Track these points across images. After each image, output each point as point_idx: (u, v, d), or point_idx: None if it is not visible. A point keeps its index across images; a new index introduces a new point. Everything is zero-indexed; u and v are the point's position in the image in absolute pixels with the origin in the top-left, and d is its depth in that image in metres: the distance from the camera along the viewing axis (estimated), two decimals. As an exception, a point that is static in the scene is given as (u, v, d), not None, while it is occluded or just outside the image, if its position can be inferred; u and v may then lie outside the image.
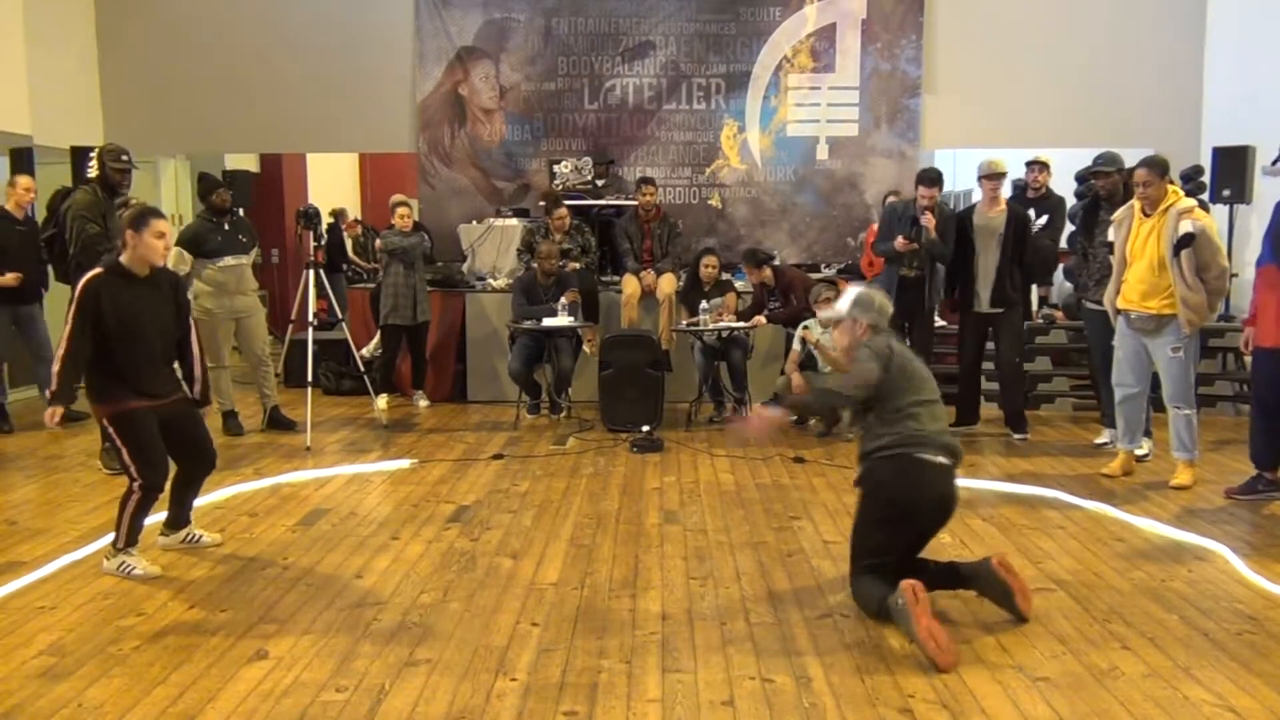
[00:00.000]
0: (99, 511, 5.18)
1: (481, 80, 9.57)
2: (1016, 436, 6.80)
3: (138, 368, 4.26)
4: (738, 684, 3.20)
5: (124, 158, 6.08)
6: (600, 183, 8.94)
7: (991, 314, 6.71)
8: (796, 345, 7.12)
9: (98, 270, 4.24)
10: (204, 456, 4.56)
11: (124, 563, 4.26)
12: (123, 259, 4.26)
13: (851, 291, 4.12)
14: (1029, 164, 7.59)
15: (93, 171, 6.10)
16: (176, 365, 4.54)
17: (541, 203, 8.51)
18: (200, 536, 4.67)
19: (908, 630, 3.41)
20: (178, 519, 4.64)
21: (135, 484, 4.24)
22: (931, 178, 6.87)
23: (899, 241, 6.83)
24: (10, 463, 6.35)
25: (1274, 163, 7.92)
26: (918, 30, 9.36)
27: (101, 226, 5.89)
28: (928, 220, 6.72)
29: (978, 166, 6.96)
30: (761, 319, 7.48)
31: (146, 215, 4.28)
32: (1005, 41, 9.29)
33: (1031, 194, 7.53)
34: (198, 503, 5.26)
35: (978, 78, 9.31)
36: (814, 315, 7.25)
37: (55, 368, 4.16)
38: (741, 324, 7.40)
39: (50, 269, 7.03)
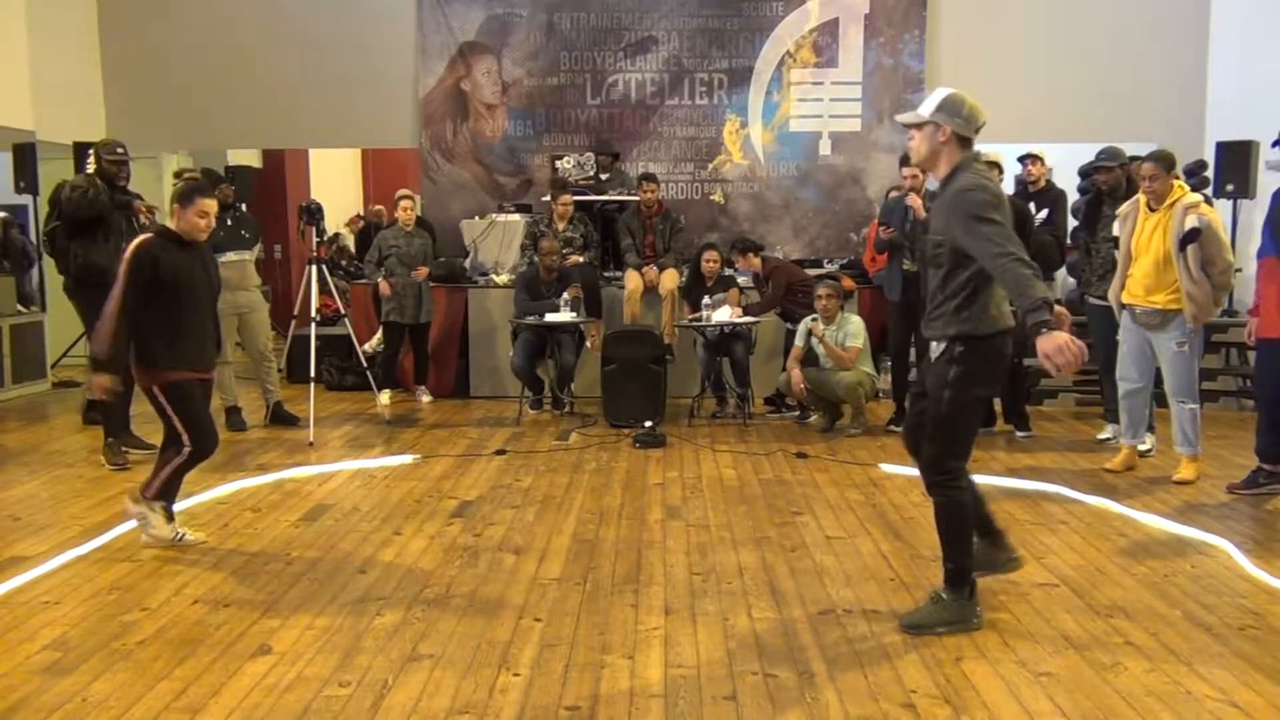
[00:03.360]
0: (102, 507, 5.19)
1: (484, 75, 9.56)
2: (1020, 435, 6.77)
3: (193, 334, 4.36)
4: (740, 679, 3.21)
5: (119, 150, 6.10)
6: (605, 177, 8.93)
7: None
8: (799, 341, 7.11)
9: (147, 235, 4.33)
10: (209, 440, 4.60)
11: (145, 515, 4.38)
12: (171, 225, 4.37)
13: (939, 91, 3.57)
14: (1021, 159, 7.56)
15: (90, 167, 6.13)
16: None
17: (548, 189, 8.53)
18: (184, 535, 4.57)
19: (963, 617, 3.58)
20: (160, 491, 4.59)
21: (185, 452, 4.37)
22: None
23: (882, 231, 6.83)
24: (14, 458, 6.36)
25: (1274, 144, 7.88)
26: (921, 25, 9.34)
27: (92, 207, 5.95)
28: (914, 202, 6.67)
29: None
30: (738, 310, 7.45)
31: (193, 193, 4.36)
32: (1008, 36, 9.28)
33: (1031, 189, 7.51)
34: (201, 498, 5.30)
35: (981, 72, 9.27)
36: (784, 309, 7.27)
37: (107, 329, 4.16)
38: (747, 319, 7.40)
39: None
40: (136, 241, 4.28)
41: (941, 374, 3.51)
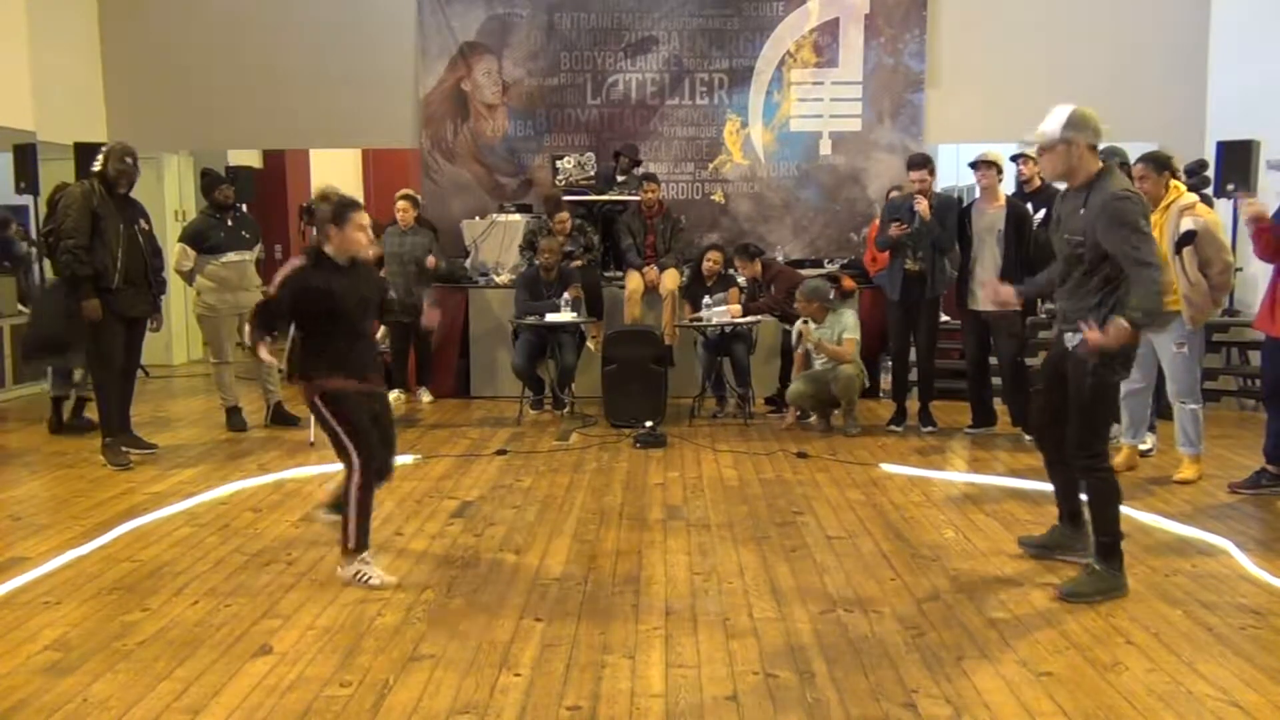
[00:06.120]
0: (103, 507, 5.20)
1: (484, 76, 9.56)
2: (1029, 438, 6.69)
3: (350, 344, 4.17)
4: (741, 679, 3.20)
5: (127, 159, 6.08)
6: (621, 179, 8.87)
7: (990, 312, 6.64)
8: (798, 348, 7.11)
9: (299, 264, 4.13)
10: (392, 448, 4.41)
11: (360, 572, 4.07)
12: (325, 249, 4.14)
13: (1059, 110, 3.80)
14: (1014, 158, 7.54)
15: (97, 166, 6.10)
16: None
17: (544, 206, 8.52)
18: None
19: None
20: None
21: (356, 466, 4.10)
22: (919, 161, 6.88)
23: (892, 227, 6.83)
24: (15, 458, 6.37)
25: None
26: (921, 24, 9.34)
27: (86, 230, 5.91)
28: (921, 206, 6.69)
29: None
30: (737, 308, 7.46)
31: (347, 210, 4.13)
32: (1008, 35, 9.28)
33: (1026, 188, 7.48)
34: (203, 497, 5.32)
35: (981, 72, 9.29)
36: (784, 312, 7.26)
37: (250, 321, 4.22)
38: (746, 319, 7.40)
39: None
40: (291, 271, 4.11)
41: (1083, 362, 3.80)
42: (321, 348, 4.13)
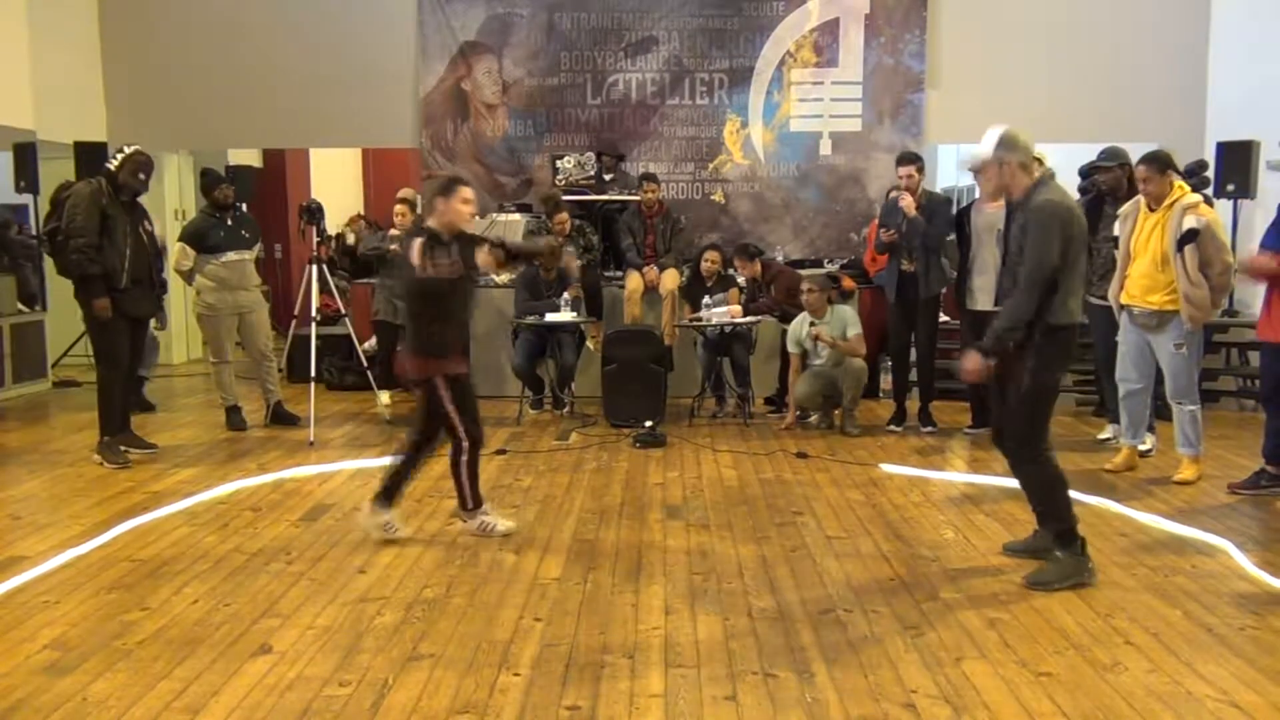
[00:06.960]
0: (103, 506, 5.20)
1: (484, 75, 9.56)
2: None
3: (458, 325, 4.44)
4: (740, 679, 3.20)
5: (141, 175, 6.07)
6: (609, 177, 8.90)
7: (990, 313, 6.62)
8: (794, 349, 7.11)
9: (424, 241, 4.30)
10: (480, 427, 4.64)
11: (484, 523, 4.61)
12: (431, 223, 4.34)
13: (993, 130, 3.98)
14: None
15: (112, 165, 6.08)
16: None
17: (542, 207, 8.52)
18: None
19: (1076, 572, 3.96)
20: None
21: (464, 443, 4.50)
22: (908, 158, 6.89)
23: (882, 233, 6.84)
24: (14, 457, 6.36)
25: None
26: (921, 25, 9.34)
27: (95, 229, 5.90)
28: (905, 200, 6.70)
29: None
30: (737, 308, 7.46)
31: (454, 183, 4.40)
32: (1009, 36, 9.27)
33: None
34: (201, 497, 5.31)
35: (981, 72, 9.28)
36: (784, 312, 7.26)
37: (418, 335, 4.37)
38: (746, 319, 7.40)
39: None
40: (418, 245, 4.27)
41: (1021, 359, 3.97)
42: (444, 327, 4.36)
